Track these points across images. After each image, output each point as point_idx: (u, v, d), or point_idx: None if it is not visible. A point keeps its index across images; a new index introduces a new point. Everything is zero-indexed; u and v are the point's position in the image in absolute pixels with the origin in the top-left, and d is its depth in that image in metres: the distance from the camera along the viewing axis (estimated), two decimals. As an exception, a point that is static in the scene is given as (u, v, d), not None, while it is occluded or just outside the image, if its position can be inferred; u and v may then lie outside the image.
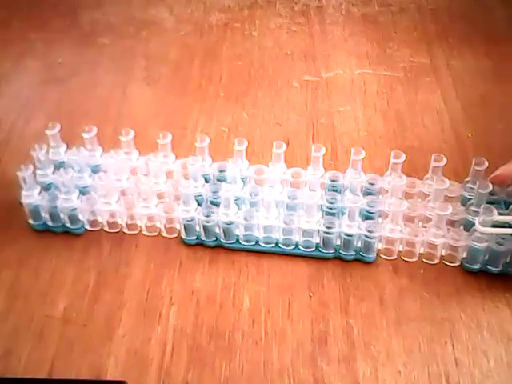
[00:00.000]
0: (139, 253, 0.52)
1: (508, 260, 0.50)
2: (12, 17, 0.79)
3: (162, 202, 0.53)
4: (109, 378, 0.44)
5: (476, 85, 0.69)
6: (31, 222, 0.54)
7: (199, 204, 0.53)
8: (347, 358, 0.45)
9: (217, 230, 0.52)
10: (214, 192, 0.53)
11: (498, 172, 0.51)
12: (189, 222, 0.52)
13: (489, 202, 0.51)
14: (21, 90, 0.69)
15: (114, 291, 0.49)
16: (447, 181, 0.52)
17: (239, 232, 0.52)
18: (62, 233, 0.54)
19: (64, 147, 0.57)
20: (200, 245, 0.53)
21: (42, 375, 0.44)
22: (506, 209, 0.52)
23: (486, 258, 0.50)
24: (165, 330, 0.47)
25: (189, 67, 0.72)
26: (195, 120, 0.65)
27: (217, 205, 0.52)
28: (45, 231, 0.54)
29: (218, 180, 0.55)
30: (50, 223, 0.53)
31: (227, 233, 0.52)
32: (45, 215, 0.53)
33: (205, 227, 0.52)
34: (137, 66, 0.72)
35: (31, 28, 0.77)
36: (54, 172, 0.55)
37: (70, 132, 0.58)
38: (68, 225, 0.53)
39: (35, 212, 0.53)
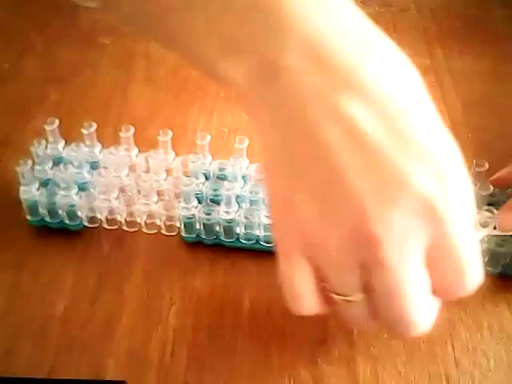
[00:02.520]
0: (139, 251, 0.52)
1: (508, 261, 0.50)
2: (12, 17, 0.79)
3: (161, 200, 0.53)
4: (109, 378, 0.44)
5: (476, 85, 0.69)
6: (28, 217, 0.53)
7: (199, 202, 0.53)
8: (347, 358, 0.45)
9: (217, 228, 0.52)
10: (215, 190, 0.53)
11: (498, 174, 0.52)
12: (189, 220, 0.52)
13: (489, 204, 0.51)
14: (21, 90, 0.68)
15: (113, 291, 0.49)
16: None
17: (239, 230, 0.52)
18: (61, 232, 0.53)
19: (62, 143, 0.57)
20: (200, 243, 0.53)
21: (42, 375, 0.44)
22: (507, 210, 0.52)
23: (486, 259, 0.50)
24: (165, 330, 0.47)
25: (189, 67, 0.72)
26: (195, 120, 0.64)
27: (217, 203, 0.52)
28: (44, 231, 0.54)
29: (219, 178, 0.55)
30: (47, 219, 0.53)
31: (227, 231, 0.52)
32: (43, 211, 0.53)
33: (205, 225, 0.51)
34: (137, 66, 0.72)
35: (31, 28, 0.76)
36: (52, 168, 0.55)
37: (69, 132, 0.57)
38: (66, 221, 0.53)
39: (33, 208, 0.53)
